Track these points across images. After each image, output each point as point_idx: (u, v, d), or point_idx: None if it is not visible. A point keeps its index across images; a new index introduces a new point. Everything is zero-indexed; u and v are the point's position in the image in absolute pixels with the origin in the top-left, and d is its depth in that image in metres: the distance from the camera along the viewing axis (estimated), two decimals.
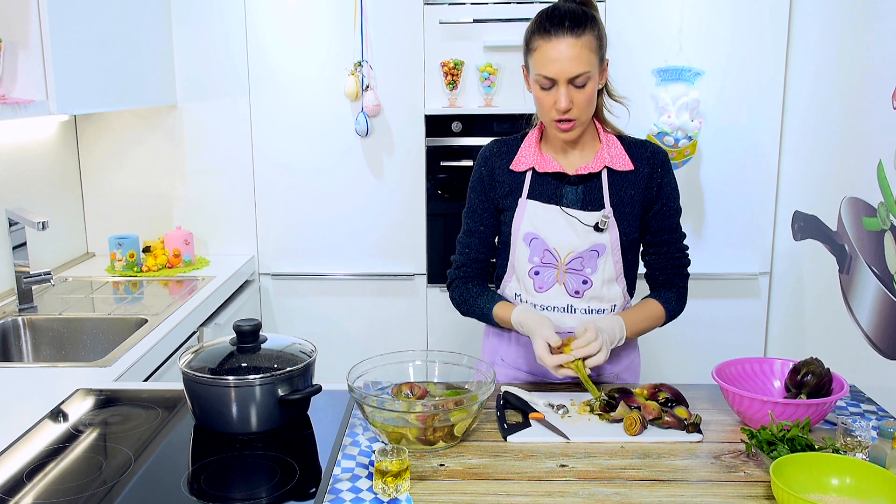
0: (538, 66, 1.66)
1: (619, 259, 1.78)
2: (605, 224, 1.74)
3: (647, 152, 1.79)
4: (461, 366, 1.67)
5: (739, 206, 3.12)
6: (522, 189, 1.79)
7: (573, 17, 1.64)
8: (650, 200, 1.79)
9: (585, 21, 1.64)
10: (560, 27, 1.63)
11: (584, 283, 1.77)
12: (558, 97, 1.65)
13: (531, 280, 1.80)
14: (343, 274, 3.23)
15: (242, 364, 1.53)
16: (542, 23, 1.66)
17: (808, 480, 1.28)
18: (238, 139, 3.13)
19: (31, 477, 1.35)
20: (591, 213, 1.75)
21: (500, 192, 1.82)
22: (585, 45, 1.63)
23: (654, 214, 1.80)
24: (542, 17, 1.67)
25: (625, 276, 1.82)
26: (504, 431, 1.54)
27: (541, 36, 1.65)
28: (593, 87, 1.67)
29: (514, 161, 1.80)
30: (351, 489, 1.32)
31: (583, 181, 1.77)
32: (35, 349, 2.33)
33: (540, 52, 1.65)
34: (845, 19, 2.54)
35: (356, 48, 3.02)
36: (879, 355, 2.26)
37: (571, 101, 1.65)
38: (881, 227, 2.26)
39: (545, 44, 1.64)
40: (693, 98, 2.91)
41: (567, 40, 1.62)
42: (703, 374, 3.14)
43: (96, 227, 3.18)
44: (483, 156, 1.86)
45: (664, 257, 1.84)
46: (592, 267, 1.76)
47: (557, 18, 1.64)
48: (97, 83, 2.47)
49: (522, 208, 1.78)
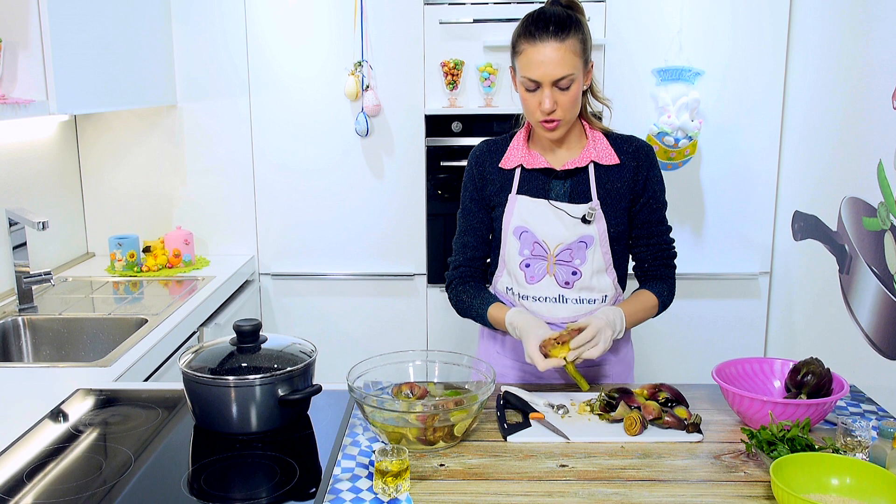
0: (523, 69, 1.70)
1: (608, 250, 1.81)
2: (592, 216, 1.78)
3: (632, 147, 1.83)
4: (461, 366, 1.67)
5: (739, 206, 3.12)
6: (512, 185, 1.83)
7: (558, 22, 1.67)
8: (637, 193, 1.82)
9: (570, 25, 1.68)
10: (545, 31, 1.66)
11: (573, 274, 1.80)
12: (542, 99, 1.69)
13: (522, 272, 1.83)
14: (343, 274, 3.23)
15: (242, 364, 1.53)
16: (528, 26, 1.69)
17: (808, 480, 1.28)
18: (238, 139, 3.13)
19: (31, 477, 1.35)
20: (578, 206, 1.78)
21: (492, 190, 1.86)
22: (569, 48, 1.67)
23: (640, 207, 1.83)
24: (528, 20, 1.71)
25: (615, 268, 1.84)
26: (504, 431, 1.54)
27: (526, 39, 1.69)
28: (577, 89, 1.71)
29: (503, 159, 1.85)
30: (351, 489, 1.32)
31: (570, 176, 1.81)
32: (35, 349, 2.33)
33: (525, 55, 1.69)
34: (845, 19, 2.54)
35: (356, 48, 3.02)
36: (879, 355, 2.26)
37: (556, 102, 1.69)
38: (881, 227, 2.26)
39: (530, 47, 1.68)
40: (693, 98, 2.91)
41: (551, 44, 1.66)
42: (702, 374, 3.13)
43: (96, 227, 3.18)
44: (473, 156, 1.90)
45: (652, 249, 1.87)
46: (581, 258, 1.79)
47: (543, 22, 1.67)
48: (97, 83, 2.47)
49: (513, 204, 1.82)
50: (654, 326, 2.23)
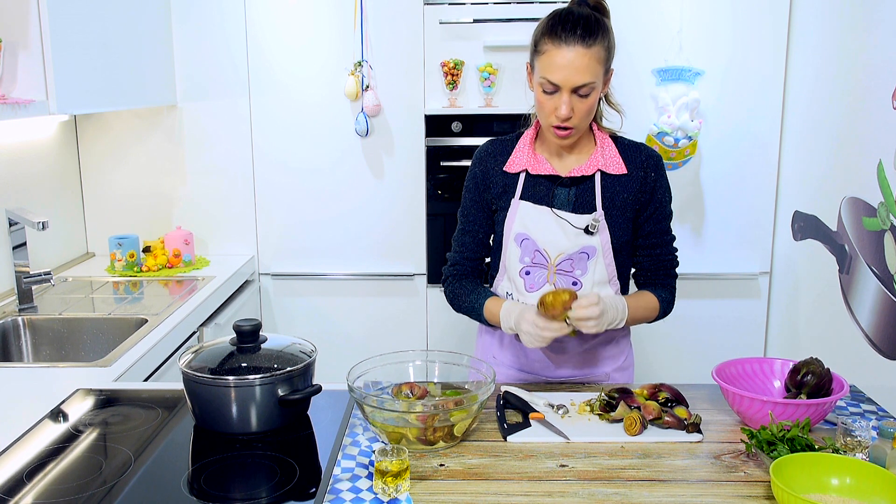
0: (544, 70, 1.65)
1: (611, 262, 1.78)
2: (596, 228, 1.74)
3: (641, 156, 1.79)
4: (461, 366, 1.67)
5: (739, 206, 3.12)
6: (515, 190, 1.80)
7: (586, 26, 1.62)
8: (643, 204, 1.79)
9: (597, 31, 1.63)
10: (571, 34, 1.61)
11: (573, 285, 1.77)
12: (560, 104, 1.65)
13: (522, 280, 1.80)
14: (343, 274, 3.23)
15: (242, 364, 1.53)
16: (555, 26, 1.63)
17: (808, 480, 1.28)
18: (238, 139, 3.13)
19: (31, 477, 1.35)
20: (581, 216, 1.75)
21: (494, 193, 1.83)
22: (594, 56, 1.62)
23: (646, 218, 1.81)
24: (554, 19, 1.65)
25: (619, 279, 1.82)
26: (504, 431, 1.54)
27: (551, 40, 1.63)
28: (595, 97, 1.67)
29: (507, 162, 1.81)
30: (351, 489, 1.32)
31: (575, 183, 1.77)
32: (35, 349, 2.33)
33: (548, 56, 1.64)
34: (845, 19, 2.54)
35: (356, 48, 3.02)
36: (879, 355, 2.26)
37: (573, 109, 1.65)
38: (881, 227, 2.26)
39: (554, 49, 1.62)
40: (693, 98, 2.91)
41: (577, 49, 1.61)
42: (703, 374, 3.14)
43: (96, 227, 3.18)
44: (478, 156, 1.87)
45: (655, 259, 1.85)
46: (582, 269, 1.76)
47: (570, 24, 1.62)
48: (97, 83, 2.47)
49: (515, 209, 1.79)
50: (655, 326, 2.23)
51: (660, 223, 1.82)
